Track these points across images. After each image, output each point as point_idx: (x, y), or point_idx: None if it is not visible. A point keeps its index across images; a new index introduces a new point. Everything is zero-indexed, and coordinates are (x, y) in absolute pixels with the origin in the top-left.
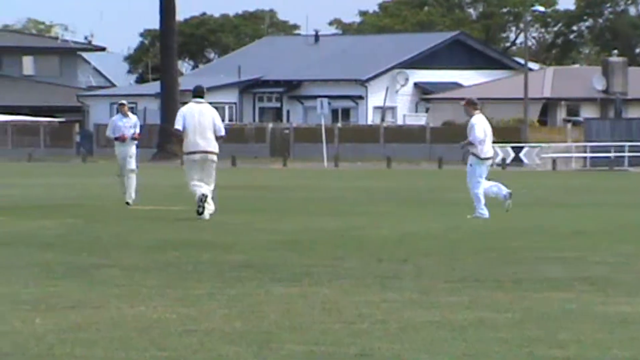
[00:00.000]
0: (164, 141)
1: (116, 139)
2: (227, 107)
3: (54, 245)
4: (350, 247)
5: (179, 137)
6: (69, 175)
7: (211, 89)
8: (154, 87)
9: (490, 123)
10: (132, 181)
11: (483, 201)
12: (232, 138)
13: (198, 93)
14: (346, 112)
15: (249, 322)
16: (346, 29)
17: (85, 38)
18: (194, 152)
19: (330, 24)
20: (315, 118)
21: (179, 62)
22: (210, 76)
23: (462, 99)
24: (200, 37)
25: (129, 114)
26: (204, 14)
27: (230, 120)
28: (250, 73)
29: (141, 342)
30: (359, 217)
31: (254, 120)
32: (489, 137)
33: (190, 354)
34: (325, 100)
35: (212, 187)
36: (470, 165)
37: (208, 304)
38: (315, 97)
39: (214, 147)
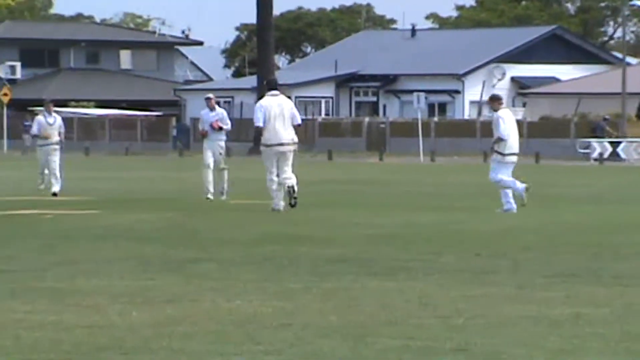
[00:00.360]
0: (260, 135)
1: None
2: (323, 101)
3: (152, 239)
4: (447, 241)
5: (260, 132)
6: (166, 169)
7: (308, 83)
8: (251, 81)
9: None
10: (224, 176)
11: (510, 195)
12: (328, 132)
13: (273, 86)
14: (442, 107)
15: (344, 316)
16: (443, 23)
17: (183, 32)
18: (277, 144)
19: (427, 18)
20: (412, 112)
21: (276, 56)
22: (307, 70)
23: (560, 93)
24: (297, 31)
25: (216, 107)
26: (301, 8)
27: (327, 114)
28: (346, 67)
29: (237, 336)
30: (456, 212)
31: (350, 114)
32: (514, 133)
33: (285, 348)
34: (422, 95)
35: (292, 174)
36: (497, 162)
37: (304, 297)
38: (411, 91)
39: (293, 137)
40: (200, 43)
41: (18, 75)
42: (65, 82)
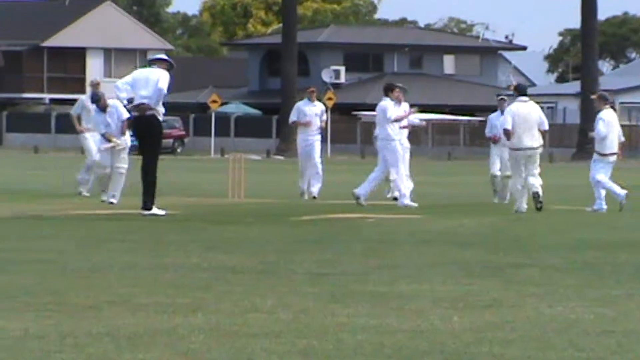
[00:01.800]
0: (583, 141)
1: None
2: None
3: (473, 244)
4: None
5: (508, 135)
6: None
7: (632, 89)
8: (574, 86)
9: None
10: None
11: (603, 195)
12: None
13: (523, 92)
14: None
15: None
16: None
17: (506, 37)
18: (520, 149)
19: None
20: None
21: (599, 62)
22: (632, 76)
23: None
24: (621, 36)
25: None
26: (626, 13)
27: None
28: None
29: (558, 342)
30: None
31: None
32: (614, 134)
33: (608, 355)
34: None
35: (538, 174)
36: (594, 161)
37: (626, 304)
38: None
39: (538, 142)
40: (524, 48)
41: (342, 79)
42: None
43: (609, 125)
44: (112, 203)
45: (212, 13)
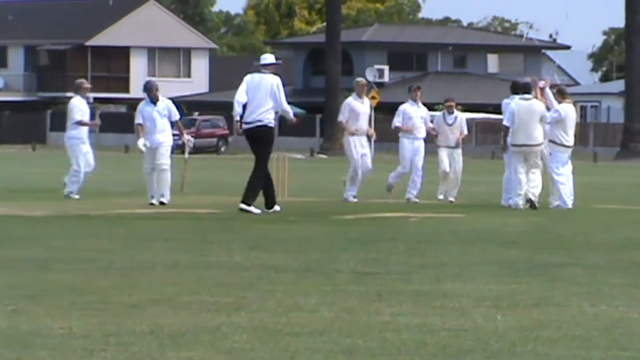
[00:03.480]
0: (627, 140)
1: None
2: None
3: (517, 243)
4: None
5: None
6: None
7: None
8: (618, 85)
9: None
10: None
11: (561, 190)
12: None
13: (526, 90)
14: None
15: None
16: None
17: (550, 36)
18: (517, 146)
19: None
20: None
21: None
22: None
23: None
24: None
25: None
26: None
27: None
28: None
29: (603, 341)
30: None
31: None
32: (572, 127)
33: None
34: None
35: (538, 174)
36: (550, 153)
37: None
38: None
39: (536, 140)
40: (568, 47)
41: (386, 78)
42: (432, 86)
43: (567, 118)
44: (162, 203)
45: (256, 12)
